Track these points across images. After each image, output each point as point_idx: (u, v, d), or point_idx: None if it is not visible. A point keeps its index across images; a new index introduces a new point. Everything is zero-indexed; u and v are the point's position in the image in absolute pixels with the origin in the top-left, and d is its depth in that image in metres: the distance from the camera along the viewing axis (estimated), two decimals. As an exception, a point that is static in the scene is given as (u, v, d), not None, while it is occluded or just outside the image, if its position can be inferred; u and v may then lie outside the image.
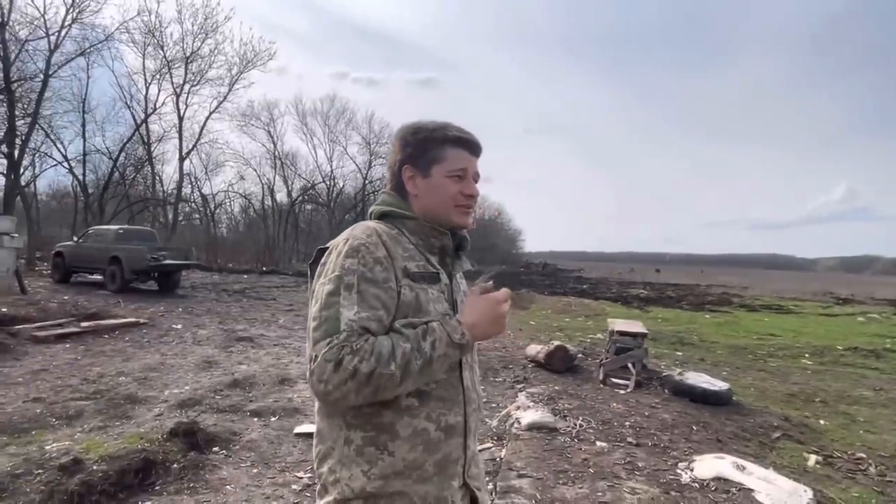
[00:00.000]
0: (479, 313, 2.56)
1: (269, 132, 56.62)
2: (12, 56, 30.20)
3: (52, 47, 32.07)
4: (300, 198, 59.73)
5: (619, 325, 11.66)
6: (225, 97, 46.15)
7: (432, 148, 2.70)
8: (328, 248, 2.64)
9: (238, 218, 64.61)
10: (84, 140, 41.86)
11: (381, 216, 2.74)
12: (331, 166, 59.48)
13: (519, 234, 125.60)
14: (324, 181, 59.60)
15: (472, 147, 2.76)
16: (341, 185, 60.86)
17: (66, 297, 17.43)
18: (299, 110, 71.15)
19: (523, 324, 17.98)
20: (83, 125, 41.45)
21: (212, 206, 56.86)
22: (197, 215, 58.83)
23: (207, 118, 46.78)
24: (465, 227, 2.78)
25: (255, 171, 58.02)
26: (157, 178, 47.92)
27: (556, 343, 11.52)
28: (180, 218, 50.24)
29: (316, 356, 2.39)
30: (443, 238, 2.71)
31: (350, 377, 2.37)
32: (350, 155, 67.60)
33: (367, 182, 58.71)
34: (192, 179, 53.33)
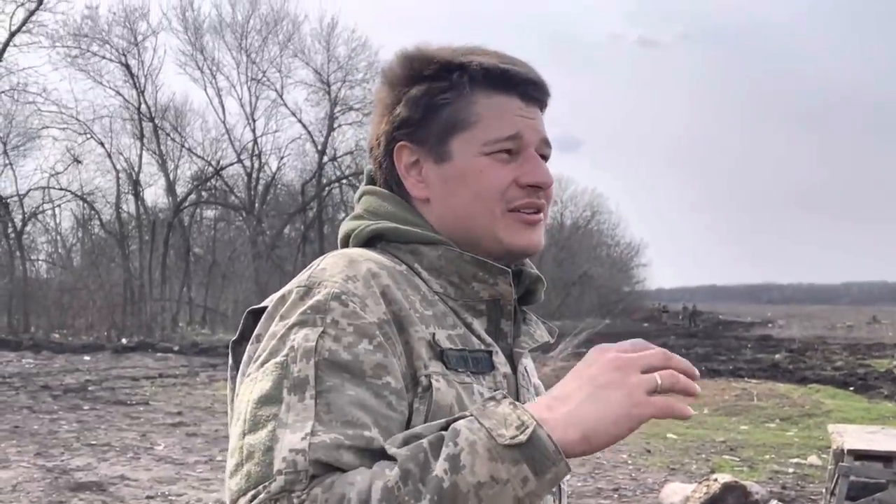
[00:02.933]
0: (584, 388, 1.23)
1: (127, 67, 38.02)
2: None
3: None
4: (193, 195, 41.11)
5: (854, 437, 8.07)
6: (41, 1, 32.44)
7: (450, 100, 1.44)
8: (266, 306, 1.40)
9: (70, 240, 43.20)
10: None
11: (370, 242, 1.47)
12: (253, 131, 40.21)
13: (635, 253, 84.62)
14: (240, 160, 40.53)
15: (527, 87, 1.46)
16: (275, 169, 41.87)
17: None
18: (188, 20, 40.93)
19: (653, 436, 12.47)
20: None
21: (18, 218, 37.94)
22: None
23: (6, 44, 33.11)
24: (530, 253, 1.50)
25: (104, 145, 38.16)
26: None
27: (724, 478, 8.20)
28: None
29: None
30: (496, 280, 1.43)
31: None
32: (292, 108, 41.70)
33: (325, 160, 40.23)
34: None
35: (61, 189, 38.98)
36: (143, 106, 38.93)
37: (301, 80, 41.27)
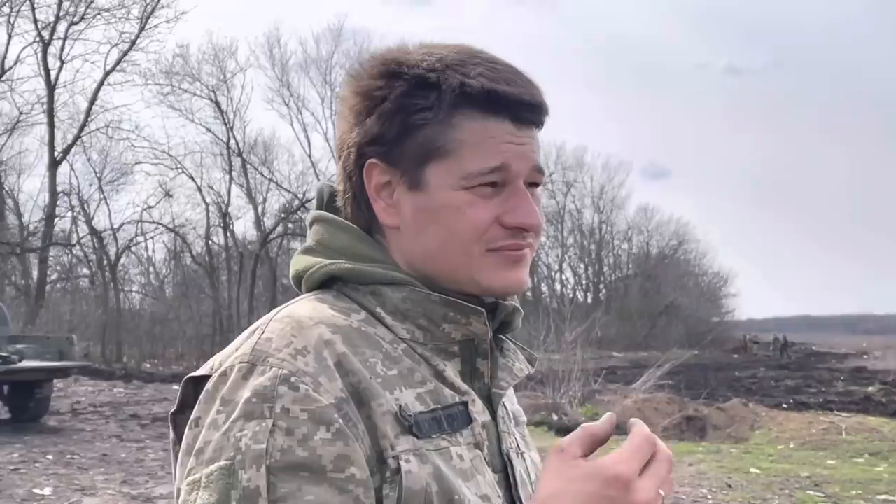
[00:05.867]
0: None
1: (217, 104, 39.15)
2: None
3: None
4: (280, 227, 42.10)
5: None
6: (133, 42, 33.46)
7: (428, 121, 1.23)
8: (209, 376, 1.19)
9: (162, 273, 44.82)
10: None
11: (325, 284, 1.29)
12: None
13: (724, 283, 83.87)
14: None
15: (520, 109, 1.24)
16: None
17: None
18: (274, 57, 42.89)
19: (735, 470, 12.13)
20: None
21: (112, 251, 38.62)
22: (85, 270, 40.29)
23: (101, 83, 33.85)
24: (513, 293, 1.33)
25: (195, 179, 39.35)
26: (9, 201, 36.11)
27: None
28: (52, 277, 37.21)
29: None
30: (469, 320, 1.26)
31: None
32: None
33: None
34: (75, 202, 37.24)
35: (153, 222, 40.14)
36: (231, 141, 40.01)
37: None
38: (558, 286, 72.49)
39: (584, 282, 74.72)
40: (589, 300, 69.95)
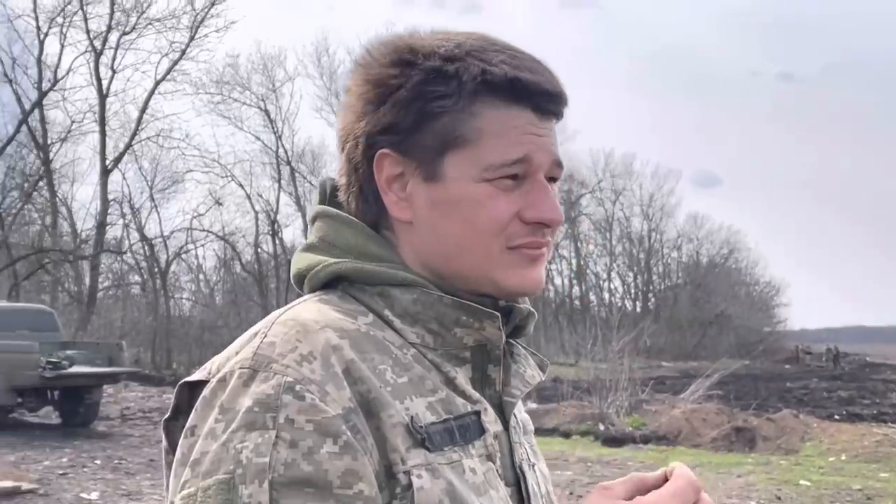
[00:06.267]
0: None
1: (266, 113, 39.95)
2: None
3: None
4: None
5: None
6: (184, 52, 33.69)
7: (447, 109, 1.17)
8: (207, 380, 1.12)
9: (212, 280, 44.76)
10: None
11: (330, 284, 1.22)
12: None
13: (775, 292, 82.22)
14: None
15: (542, 98, 1.19)
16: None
17: None
18: (322, 66, 42.71)
19: (784, 482, 12.01)
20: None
21: (163, 258, 39.15)
22: (136, 277, 40.56)
23: (152, 92, 34.17)
24: (530, 294, 1.27)
25: (244, 187, 40.08)
26: (62, 209, 35.89)
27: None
28: (104, 283, 37.18)
29: None
30: (483, 325, 1.20)
31: None
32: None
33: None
34: (126, 209, 37.46)
35: (203, 230, 40.66)
36: (280, 150, 40.55)
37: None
38: (606, 295, 72.16)
39: (632, 290, 74.31)
40: (638, 309, 69.51)
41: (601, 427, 17.28)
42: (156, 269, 39.22)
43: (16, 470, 12.14)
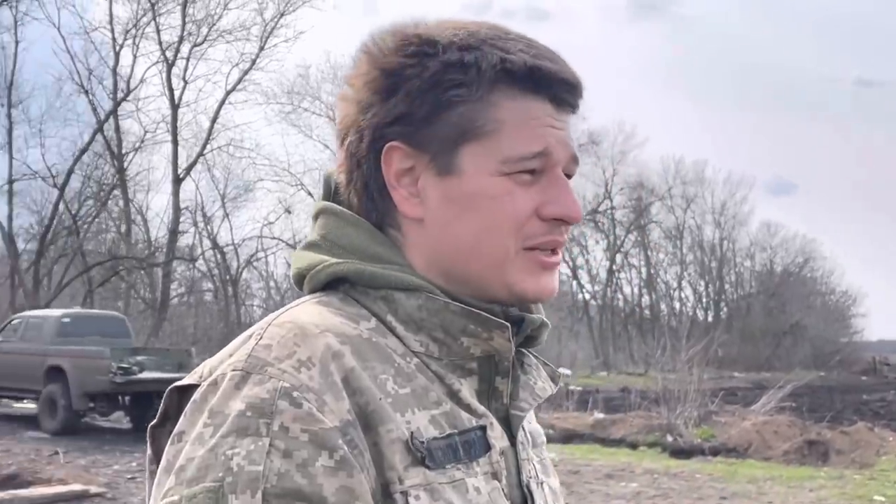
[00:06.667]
0: None
1: (335, 122, 41.43)
2: None
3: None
4: None
5: None
6: (254, 62, 34.23)
7: (464, 99, 1.11)
8: (198, 384, 1.03)
9: (283, 287, 43.46)
10: (9, 153, 30.38)
11: (331, 285, 1.15)
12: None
13: (853, 302, 76.76)
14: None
15: (561, 88, 1.14)
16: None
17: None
18: None
19: (857, 498, 11.67)
20: (9, 128, 30.12)
21: (234, 266, 39.57)
22: (209, 284, 41.12)
23: (223, 102, 34.68)
24: (544, 300, 1.21)
25: (313, 196, 38.33)
26: (136, 216, 36.45)
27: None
28: (177, 291, 37.68)
29: None
30: (491, 335, 1.12)
31: None
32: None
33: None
34: (198, 217, 37.98)
35: (274, 238, 40.98)
36: (352, 158, 41.15)
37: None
38: (677, 304, 71.02)
39: (704, 300, 72.95)
40: (709, 318, 68.26)
41: (669, 438, 17.00)
42: (227, 277, 39.86)
43: (86, 474, 12.30)
